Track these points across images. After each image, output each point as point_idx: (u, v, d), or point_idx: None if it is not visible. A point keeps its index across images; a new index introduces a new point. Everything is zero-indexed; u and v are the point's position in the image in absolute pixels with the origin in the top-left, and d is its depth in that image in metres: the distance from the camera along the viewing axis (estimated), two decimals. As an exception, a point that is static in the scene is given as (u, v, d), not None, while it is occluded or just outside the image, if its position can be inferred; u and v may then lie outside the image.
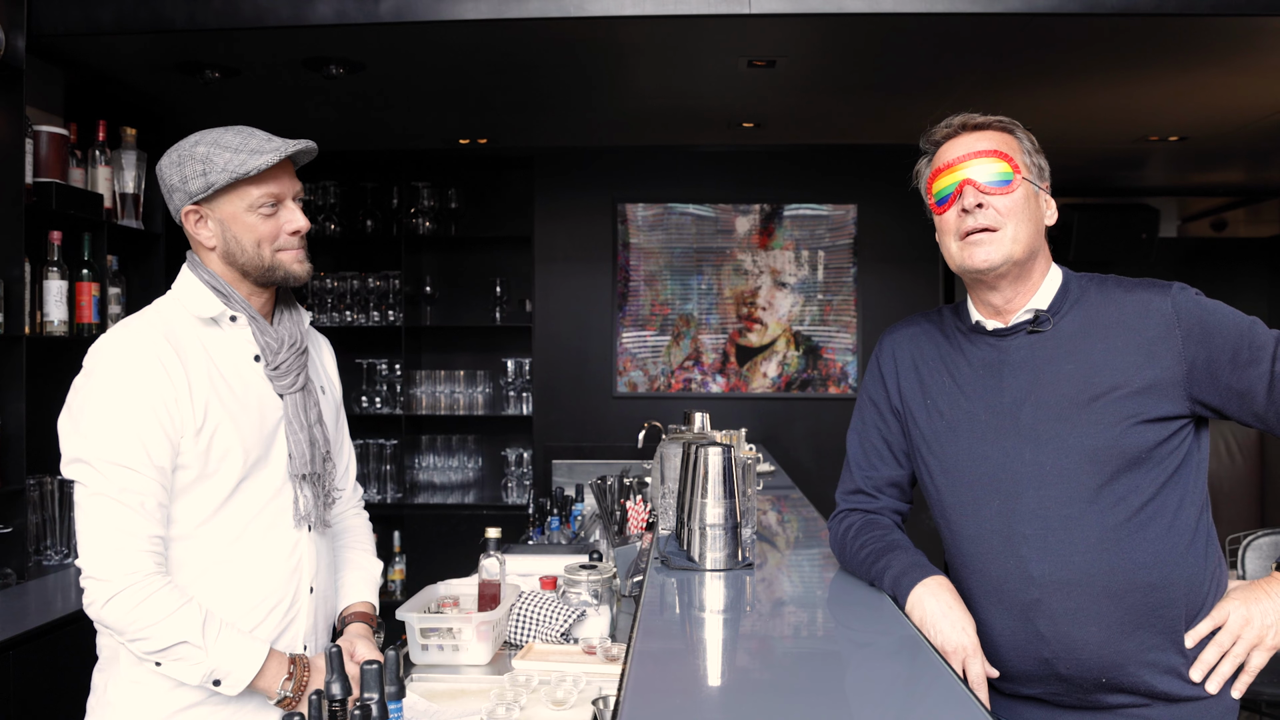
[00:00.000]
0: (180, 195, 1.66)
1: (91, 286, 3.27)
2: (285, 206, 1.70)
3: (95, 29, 3.15)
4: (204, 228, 1.68)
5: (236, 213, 1.66)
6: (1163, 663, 1.54)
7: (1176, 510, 1.55)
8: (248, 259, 1.68)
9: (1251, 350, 1.51)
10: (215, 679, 1.58)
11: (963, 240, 1.60)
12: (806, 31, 3.35)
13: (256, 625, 1.68)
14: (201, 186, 1.63)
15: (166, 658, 1.56)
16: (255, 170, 1.62)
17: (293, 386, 1.74)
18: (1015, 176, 1.59)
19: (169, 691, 1.63)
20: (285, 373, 1.73)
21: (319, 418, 1.78)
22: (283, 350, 1.73)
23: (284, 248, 1.70)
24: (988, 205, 1.58)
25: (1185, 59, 3.57)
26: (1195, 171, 5.82)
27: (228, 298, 1.70)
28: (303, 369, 1.76)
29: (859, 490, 1.80)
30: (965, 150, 1.61)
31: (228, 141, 1.64)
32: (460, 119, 4.55)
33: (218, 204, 1.66)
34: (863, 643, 1.54)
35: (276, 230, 1.68)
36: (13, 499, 2.94)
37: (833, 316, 5.33)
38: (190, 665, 1.56)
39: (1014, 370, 1.62)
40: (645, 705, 1.19)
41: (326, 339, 1.98)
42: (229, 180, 1.62)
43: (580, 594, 2.25)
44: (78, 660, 2.67)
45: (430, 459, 5.56)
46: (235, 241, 1.67)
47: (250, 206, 1.66)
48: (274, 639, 1.70)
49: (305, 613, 1.75)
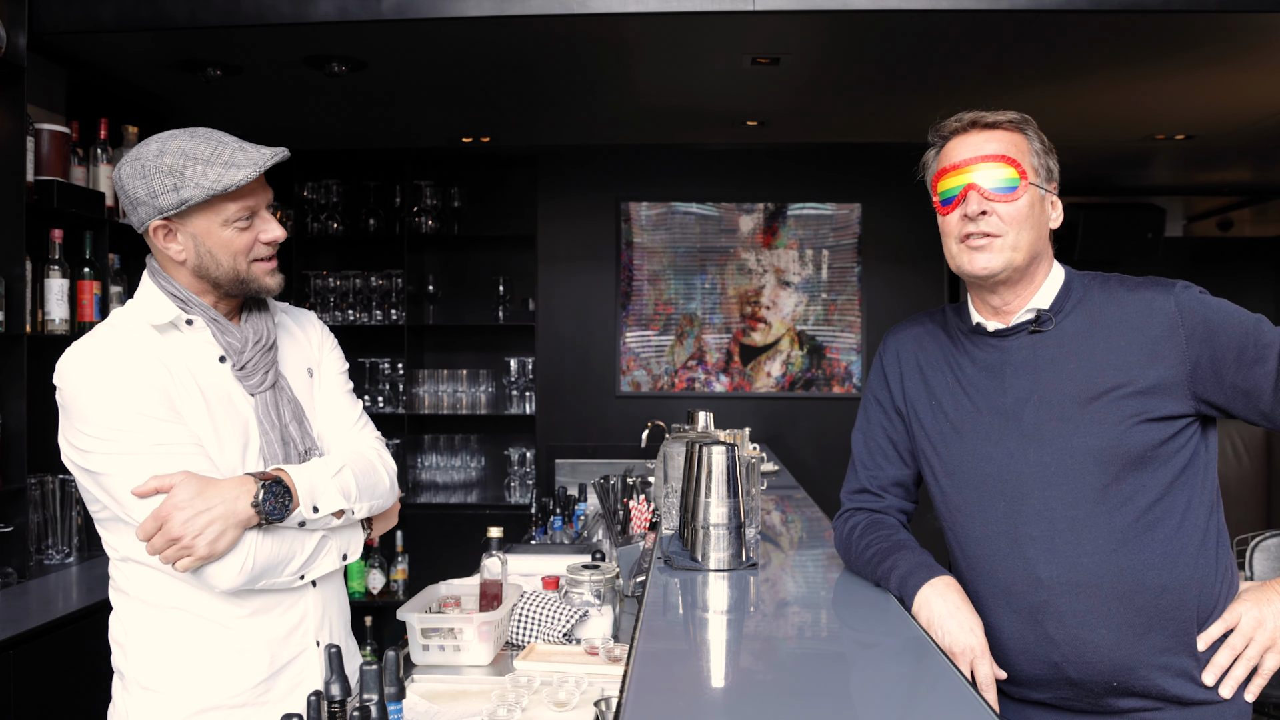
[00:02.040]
0: (147, 209, 1.58)
1: (93, 285, 3.26)
2: (260, 217, 1.64)
3: (97, 26, 3.14)
4: (173, 241, 1.61)
5: (211, 228, 1.60)
6: (1174, 665, 1.53)
7: (1185, 510, 1.54)
8: (222, 272, 1.64)
9: (1257, 349, 1.50)
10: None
11: (963, 243, 1.59)
12: (810, 28, 3.34)
13: (248, 615, 1.65)
14: (174, 203, 1.56)
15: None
16: (234, 186, 1.56)
17: (261, 385, 1.70)
18: (1021, 183, 1.57)
19: (183, 698, 1.62)
20: (252, 372, 1.69)
21: (294, 415, 1.73)
22: (248, 349, 1.69)
23: (259, 258, 1.66)
24: (991, 212, 1.57)
25: (1192, 56, 3.55)
26: (1201, 171, 5.80)
27: (185, 302, 1.65)
28: (271, 366, 1.72)
29: (864, 490, 1.79)
30: (973, 152, 1.59)
31: (196, 152, 1.56)
32: (463, 117, 4.54)
33: (190, 219, 1.59)
34: (868, 644, 1.53)
35: (252, 242, 1.64)
36: (14, 498, 2.94)
37: (837, 316, 5.32)
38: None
39: (1016, 370, 1.61)
40: (648, 707, 1.17)
41: (311, 312, 1.92)
42: (205, 197, 1.56)
43: (583, 594, 2.24)
44: (78, 660, 2.67)
45: (433, 458, 5.55)
46: (209, 256, 1.62)
47: (226, 221, 1.60)
48: (284, 635, 1.68)
49: (312, 609, 1.72)
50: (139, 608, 1.64)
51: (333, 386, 1.85)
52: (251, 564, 1.56)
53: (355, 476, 1.70)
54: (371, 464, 1.77)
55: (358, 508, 1.71)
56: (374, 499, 1.75)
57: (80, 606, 2.70)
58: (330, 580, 1.78)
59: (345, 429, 1.83)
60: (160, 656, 1.62)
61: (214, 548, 1.51)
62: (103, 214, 3.34)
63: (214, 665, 1.63)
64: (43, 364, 3.19)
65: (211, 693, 1.62)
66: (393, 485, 1.82)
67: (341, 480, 1.68)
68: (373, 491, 1.74)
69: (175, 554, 1.51)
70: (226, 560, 1.54)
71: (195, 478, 1.53)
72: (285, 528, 1.62)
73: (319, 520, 1.65)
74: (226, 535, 1.52)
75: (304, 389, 1.80)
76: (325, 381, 1.85)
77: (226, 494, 1.53)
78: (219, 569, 1.54)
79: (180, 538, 1.49)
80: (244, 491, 1.55)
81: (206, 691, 1.62)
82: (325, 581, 1.76)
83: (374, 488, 1.75)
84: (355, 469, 1.72)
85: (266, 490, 1.56)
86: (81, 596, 2.82)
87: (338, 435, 1.81)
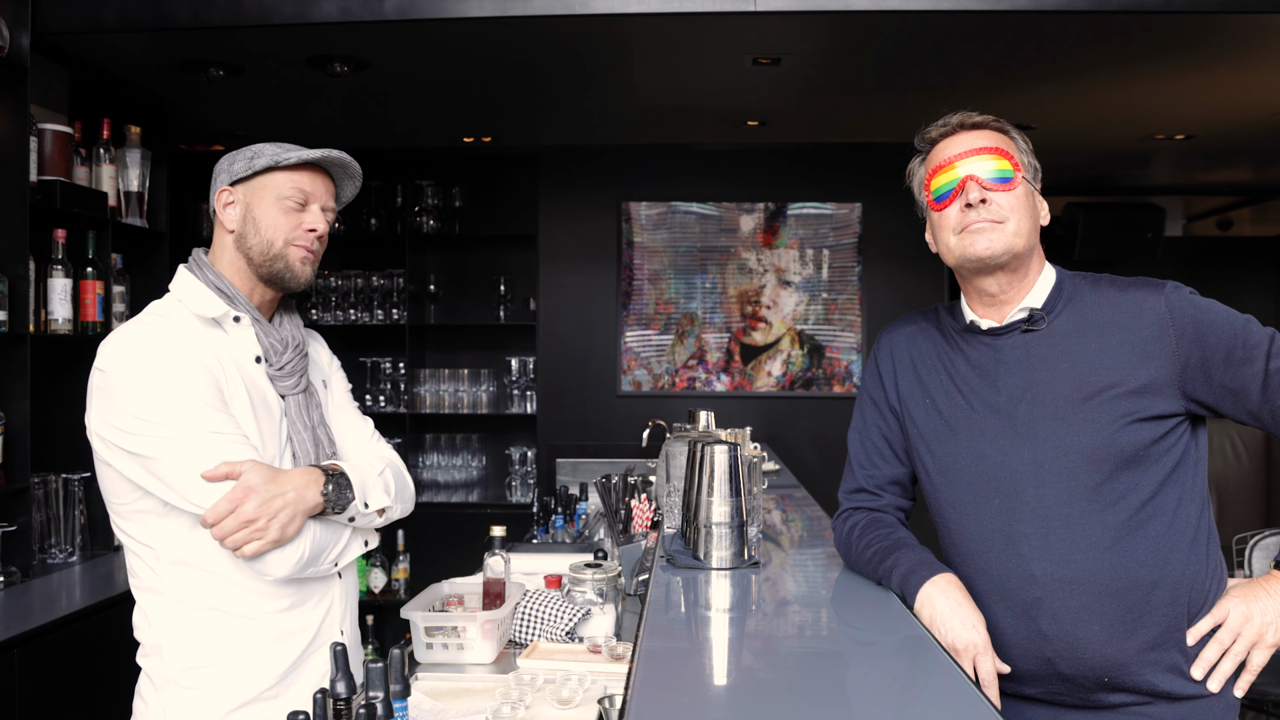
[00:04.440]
0: (224, 177, 1.72)
1: (96, 285, 3.26)
2: (310, 210, 1.73)
3: (99, 27, 3.14)
4: (231, 210, 1.71)
5: (265, 197, 1.70)
6: (1164, 661, 1.54)
7: (1176, 508, 1.55)
8: (257, 242, 1.70)
9: (1245, 349, 1.52)
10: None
11: (964, 232, 1.59)
12: (812, 28, 3.34)
13: (284, 610, 1.68)
14: (243, 168, 1.70)
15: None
16: (295, 160, 1.69)
17: (295, 388, 1.75)
18: (1016, 174, 1.59)
19: (222, 695, 1.64)
20: (289, 374, 1.74)
21: (321, 419, 1.79)
22: (286, 351, 1.74)
23: (296, 242, 1.71)
24: (991, 201, 1.58)
25: (1193, 57, 3.56)
26: (1201, 170, 5.80)
27: (231, 298, 1.70)
28: (304, 370, 1.77)
29: (861, 489, 1.79)
30: (966, 147, 1.61)
31: (280, 145, 1.73)
32: (464, 117, 4.55)
33: (250, 186, 1.71)
34: (869, 642, 1.53)
35: (295, 225, 1.71)
36: (17, 497, 2.94)
37: (837, 315, 5.32)
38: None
39: (1009, 369, 1.62)
40: (653, 704, 1.18)
41: (315, 332, 1.98)
42: (268, 164, 1.69)
43: (585, 593, 2.25)
44: (82, 658, 2.68)
45: (434, 458, 5.56)
46: (253, 223, 1.70)
47: (279, 196, 1.70)
48: (316, 625, 1.72)
49: (338, 599, 1.77)
50: (174, 608, 1.63)
51: (344, 403, 1.92)
52: (308, 551, 1.62)
53: (394, 477, 1.81)
54: (402, 469, 1.88)
55: (395, 508, 1.80)
56: (404, 501, 1.85)
57: (84, 605, 2.71)
58: (350, 571, 1.83)
59: (364, 441, 1.90)
60: (198, 656, 1.63)
61: (285, 531, 1.57)
62: (105, 214, 3.35)
63: (249, 661, 1.65)
64: (46, 364, 3.21)
65: (247, 688, 1.65)
66: (415, 494, 1.94)
67: (385, 480, 1.77)
68: (404, 494, 1.84)
69: (247, 536, 1.54)
70: (289, 547, 1.59)
71: (265, 465, 1.59)
72: (334, 520, 1.68)
73: (368, 515, 1.71)
74: (296, 521, 1.59)
75: (324, 399, 1.86)
76: (336, 398, 1.91)
77: (297, 481, 1.60)
78: (279, 555, 1.59)
79: (254, 520, 1.54)
80: (313, 480, 1.62)
81: (243, 687, 1.64)
82: (347, 571, 1.82)
83: (404, 490, 1.85)
84: (393, 471, 1.83)
85: (333, 481, 1.64)
86: (85, 595, 2.83)
87: (358, 446, 1.88)
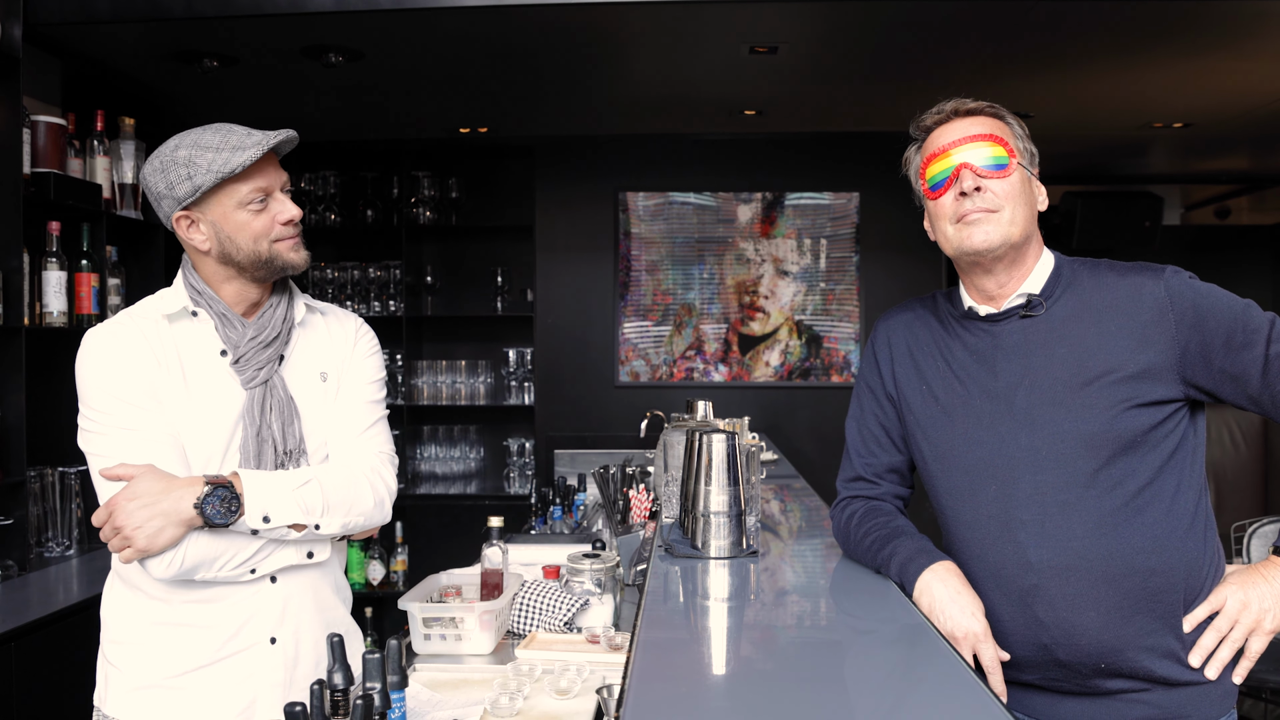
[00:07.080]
0: (169, 202, 1.66)
1: (90, 277, 3.25)
2: (274, 199, 1.69)
3: (92, 18, 3.13)
4: (196, 232, 1.67)
5: (226, 212, 1.65)
6: (1161, 647, 1.54)
7: (1174, 494, 1.54)
8: (244, 256, 1.68)
9: (1245, 334, 1.51)
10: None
11: (960, 222, 1.59)
12: (809, 17, 3.33)
13: (197, 602, 1.67)
14: (189, 191, 1.63)
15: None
16: (240, 167, 1.61)
17: (253, 381, 1.70)
18: (1011, 161, 1.58)
19: (131, 674, 1.69)
20: (245, 366, 1.70)
21: (281, 414, 1.71)
22: (243, 344, 1.71)
23: (280, 238, 1.70)
24: (985, 189, 1.57)
25: (1190, 44, 3.55)
26: (1199, 159, 5.80)
27: (199, 295, 1.71)
28: (267, 363, 1.72)
29: (859, 477, 1.79)
30: (960, 134, 1.60)
31: (208, 141, 1.63)
32: (460, 108, 4.53)
33: (207, 206, 1.65)
34: (868, 630, 1.53)
35: (270, 223, 1.68)
36: (14, 491, 2.94)
37: (835, 305, 5.32)
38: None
39: (1007, 355, 1.61)
40: (652, 693, 1.18)
41: (355, 318, 1.89)
42: (215, 181, 1.62)
43: (583, 583, 2.24)
44: (79, 652, 2.67)
45: (432, 449, 5.56)
46: (230, 241, 1.67)
47: (240, 204, 1.65)
48: (233, 626, 1.69)
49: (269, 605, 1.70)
50: (115, 584, 1.73)
51: (351, 392, 1.82)
52: (182, 560, 1.59)
53: (325, 491, 1.67)
54: (354, 480, 1.72)
55: (324, 523, 1.67)
56: (349, 516, 1.70)
57: (80, 599, 2.71)
58: (298, 575, 1.73)
59: (348, 436, 1.79)
60: (120, 632, 1.71)
61: (153, 542, 1.55)
62: (100, 206, 3.34)
63: (159, 645, 1.68)
64: (41, 357, 3.20)
65: (153, 671, 1.68)
66: (380, 505, 1.76)
67: (305, 494, 1.65)
68: (348, 508, 1.70)
69: (119, 544, 1.56)
70: (163, 555, 1.58)
71: (154, 472, 1.57)
72: (234, 532, 1.62)
73: (273, 531, 1.63)
74: (166, 532, 1.55)
75: (307, 391, 1.77)
76: (345, 386, 1.82)
77: (174, 492, 1.56)
78: (154, 561, 1.59)
79: (122, 528, 1.54)
80: (190, 492, 1.57)
81: (149, 669, 1.68)
82: (291, 576, 1.72)
83: (350, 504, 1.70)
84: (329, 483, 1.68)
85: (212, 494, 1.57)
86: (82, 589, 2.82)
87: (338, 442, 1.79)
